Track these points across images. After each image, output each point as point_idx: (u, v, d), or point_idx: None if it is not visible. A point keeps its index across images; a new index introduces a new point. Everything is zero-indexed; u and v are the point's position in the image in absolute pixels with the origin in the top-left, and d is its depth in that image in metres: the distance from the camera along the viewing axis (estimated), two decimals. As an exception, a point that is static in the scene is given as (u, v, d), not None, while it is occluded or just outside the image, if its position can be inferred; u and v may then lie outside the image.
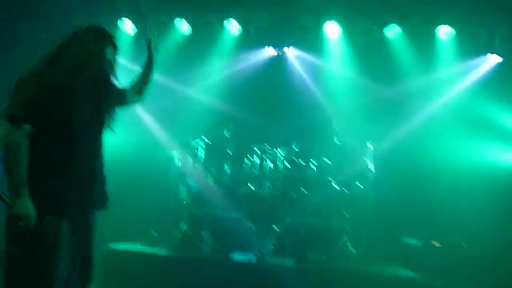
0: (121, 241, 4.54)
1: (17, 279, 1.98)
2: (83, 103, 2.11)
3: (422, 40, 5.77)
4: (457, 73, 5.79)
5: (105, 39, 2.21)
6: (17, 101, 1.99)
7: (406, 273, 4.16)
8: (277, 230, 4.61)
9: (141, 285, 4.09)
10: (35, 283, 1.98)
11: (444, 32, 5.70)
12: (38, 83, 2.02)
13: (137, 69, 2.76)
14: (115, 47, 2.26)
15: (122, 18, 6.03)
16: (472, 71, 5.82)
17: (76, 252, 2.15)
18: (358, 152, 5.13)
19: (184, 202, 4.84)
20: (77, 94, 2.09)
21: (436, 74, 5.83)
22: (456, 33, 5.63)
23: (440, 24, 5.66)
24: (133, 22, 6.10)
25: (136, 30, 6.08)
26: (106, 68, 2.23)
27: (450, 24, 5.63)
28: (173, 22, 5.95)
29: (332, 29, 5.89)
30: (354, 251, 4.49)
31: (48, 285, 1.99)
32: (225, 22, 5.94)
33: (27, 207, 1.94)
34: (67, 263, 2.08)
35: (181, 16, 5.94)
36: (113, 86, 2.34)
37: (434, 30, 5.71)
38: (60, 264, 2.03)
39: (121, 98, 2.46)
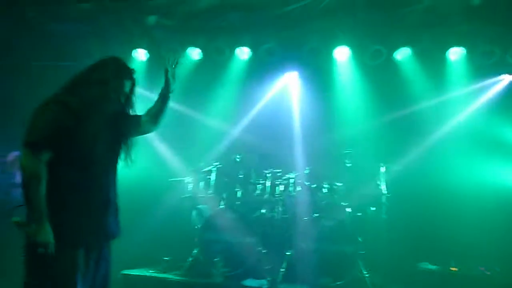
0: (133, 267, 4.55)
1: None
2: (97, 131, 2.16)
3: (432, 61, 5.76)
4: (469, 94, 5.74)
5: (124, 72, 2.27)
6: (35, 128, 2.03)
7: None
8: (289, 255, 4.55)
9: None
10: None
11: (455, 52, 5.69)
12: (57, 109, 2.06)
13: (149, 95, 2.81)
14: (133, 81, 2.31)
15: (136, 48, 6.23)
16: (485, 91, 5.76)
17: (93, 281, 2.16)
18: (370, 174, 5.08)
19: (196, 228, 4.83)
20: (93, 123, 2.14)
21: (448, 95, 5.80)
22: (467, 52, 5.60)
23: (451, 46, 5.64)
24: (147, 50, 6.28)
25: (148, 55, 6.24)
26: (122, 101, 2.28)
27: (461, 44, 5.61)
28: (185, 50, 6.11)
29: (341, 53, 5.94)
30: (368, 277, 4.37)
31: None
32: (236, 49, 6.07)
33: (47, 234, 1.96)
34: None
35: (193, 44, 6.10)
36: (128, 116, 2.39)
37: (444, 51, 5.70)
38: None
39: (135, 125, 2.48)
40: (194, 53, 6.13)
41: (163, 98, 2.60)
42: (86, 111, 2.11)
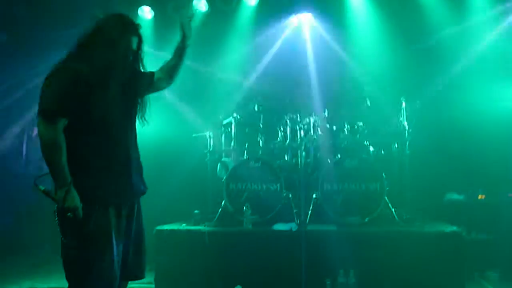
0: (165, 222, 4.73)
1: (77, 269, 2.08)
2: (112, 95, 2.14)
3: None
4: (492, 18, 5.42)
5: (130, 29, 2.20)
6: (48, 96, 2.03)
7: (451, 229, 4.07)
8: (316, 197, 4.62)
9: (189, 261, 4.28)
10: (96, 271, 2.06)
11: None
12: (67, 76, 2.05)
13: (157, 53, 2.76)
14: (140, 37, 2.24)
15: (141, 6, 6.10)
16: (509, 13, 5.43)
17: (127, 237, 2.23)
18: (391, 111, 4.99)
19: (222, 180, 4.93)
20: (106, 87, 2.11)
21: (469, 20, 5.50)
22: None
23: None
24: (152, 7, 6.14)
25: (153, 13, 6.12)
26: (131, 59, 2.23)
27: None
28: (190, 5, 5.92)
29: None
30: (395, 211, 4.43)
31: (108, 271, 2.09)
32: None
33: (74, 198, 2.01)
34: (120, 251, 2.17)
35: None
36: (140, 74, 2.35)
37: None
38: (115, 251, 2.12)
39: (149, 83, 2.44)
40: (201, 5, 5.96)
41: (180, 52, 2.54)
42: (97, 76, 2.09)
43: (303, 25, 6.27)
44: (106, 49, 2.12)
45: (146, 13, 6.16)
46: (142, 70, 2.37)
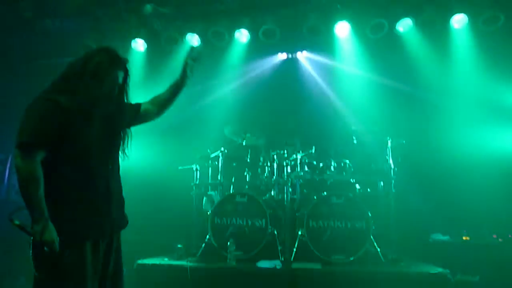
0: (147, 256, 4.62)
1: None
2: (94, 128, 2.12)
3: (436, 31, 5.66)
4: (474, 61, 5.63)
5: (117, 62, 2.16)
6: (25, 128, 1.99)
7: (436, 270, 4.04)
8: (301, 234, 4.58)
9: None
10: None
11: (458, 20, 5.57)
12: (46, 108, 2.00)
13: (148, 84, 2.76)
14: (126, 71, 2.22)
15: (135, 38, 6.20)
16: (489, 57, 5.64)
17: (104, 272, 2.16)
18: (377, 150, 5.06)
19: (207, 214, 4.88)
20: (88, 120, 2.09)
21: (453, 64, 5.70)
22: (469, 19, 5.48)
23: (454, 13, 5.53)
24: (145, 40, 6.25)
25: (146, 45, 6.22)
26: (116, 93, 2.20)
27: (464, 11, 5.49)
28: (184, 37, 6.06)
29: (342, 28, 5.85)
30: (381, 251, 4.40)
31: None
32: (236, 32, 6.01)
33: (51, 232, 1.96)
34: (95, 286, 2.10)
35: (192, 31, 6.05)
36: (125, 106, 2.31)
37: (448, 19, 5.59)
38: (89, 286, 2.05)
39: (134, 114, 2.41)
40: (193, 40, 6.08)
41: (175, 89, 2.53)
42: (79, 109, 2.05)
43: (293, 63, 6.42)
44: (91, 83, 2.08)
45: (139, 45, 6.25)
46: (127, 101, 2.33)
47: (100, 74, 2.11)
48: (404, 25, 5.74)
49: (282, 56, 6.39)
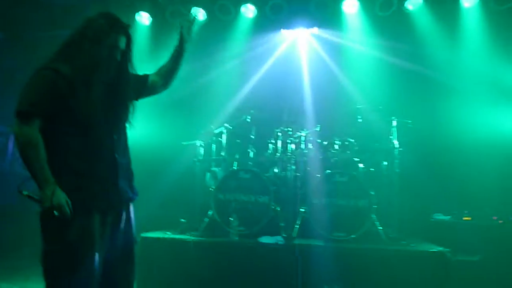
0: (151, 230, 4.67)
1: (57, 274, 2.01)
2: (96, 95, 2.08)
3: (445, 9, 5.55)
4: (484, 42, 5.53)
5: (117, 26, 2.11)
6: (23, 97, 1.98)
7: (436, 249, 4.08)
8: (303, 211, 4.61)
9: (172, 270, 4.22)
10: (75, 277, 1.99)
11: (469, -1, 5.46)
12: (45, 77, 1.99)
13: (154, 58, 2.72)
14: (128, 35, 2.17)
15: (139, 11, 6.11)
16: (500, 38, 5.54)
17: (111, 245, 2.14)
18: (382, 129, 5.03)
19: (210, 189, 4.90)
20: (88, 86, 2.05)
21: (462, 43, 5.61)
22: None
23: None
24: (150, 14, 6.16)
25: (151, 19, 6.13)
26: (118, 59, 2.14)
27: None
28: (189, 11, 5.95)
29: (350, 5, 5.74)
30: (382, 229, 4.43)
31: (87, 278, 2.02)
32: (242, 7, 5.91)
33: (60, 196, 1.94)
34: (103, 257, 2.10)
35: (197, 4, 5.95)
36: (131, 76, 2.26)
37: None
38: (97, 257, 2.04)
39: (140, 85, 2.36)
40: (199, 14, 5.99)
41: (177, 57, 2.46)
42: (79, 75, 2.02)
43: (299, 40, 6.33)
44: (89, 46, 2.05)
45: (144, 19, 6.17)
46: (134, 72, 2.28)
47: (98, 38, 2.06)
48: (414, 3, 5.64)
49: (288, 32, 6.28)
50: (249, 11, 5.95)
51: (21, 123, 1.95)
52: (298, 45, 6.33)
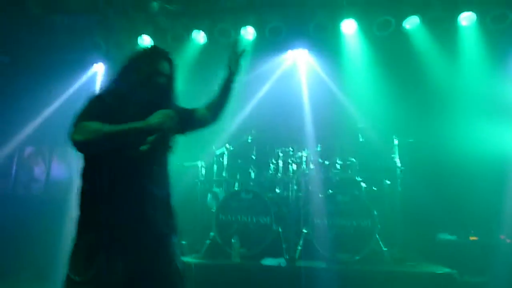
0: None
1: None
2: (128, 112, 2.02)
3: (443, 29, 5.60)
4: (482, 60, 5.56)
5: (155, 52, 2.16)
6: (77, 125, 1.93)
7: (443, 270, 4.00)
8: (306, 232, 4.55)
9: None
10: None
11: (466, 18, 5.51)
12: (92, 104, 2.00)
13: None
14: (170, 61, 2.17)
15: (142, 35, 6.21)
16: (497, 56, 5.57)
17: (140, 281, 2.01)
18: (384, 147, 5.02)
19: (212, 210, 4.87)
20: (127, 115, 1.98)
21: (460, 62, 5.64)
22: (478, 17, 5.42)
23: (462, 11, 5.48)
24: (152, 37, 6.26)
25: (153, 42, 6.23)
26: (165, 85, 2.14)
27: (472, 9, 5.44)
28: (190, 34, 6.06)
29: (348, 26, 5.82)
30: (386, 250, 4.36)
31: None
32: (242, 30, 6.00)
33: (159, 114, 1.92)
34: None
35: (197, 28, 6.05)
36: (173, 105, 2.18)
37: (455, 17, 5.54)
38: None
39: (188, 118, 2.30)
40: (199, 37, 6.08)
41: (225, 90, 2.39)
42: (118, 103, 2.00)
43: (299, 60, 6.40)
44: (129, 73, 2.10)
45: (146, 42, 6.26)
46: (178, 104, 2.24)
47: (138, 63, 2.11)
48: (411, 23, 5.69)
49: (288, 53, 6.36)
50: (248, 33, 6.04)
51: (80, 151, 1.92)
52: (298, 65, 6.39)
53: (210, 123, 2.44)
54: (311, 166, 5.03)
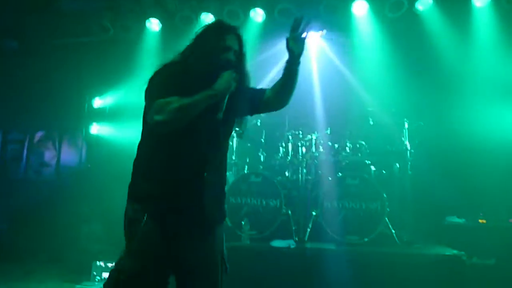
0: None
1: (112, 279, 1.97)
2: (194, 84, 1.97)
3: (456, 9, 5.49)
4: (495, 42, 5.45)
5: (222, 26, 2.12)
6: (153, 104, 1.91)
7: (451, 252, 4.02)
8: (315, 215, 4.59)
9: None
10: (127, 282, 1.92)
11: (480, -2, 5.40)
12: (166, 80, 1.99)
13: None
14: (237, 35, 2.13)
15: (149, 18, 6.18)
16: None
17: (188, 269, 2.03)
18: (394, 131, 4.99)
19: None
20: (193, 91, 1.92)
21: (473, 44, 5.54)
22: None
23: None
24: (160, 20, 6.22)
25: (161, 25, 6.20)
26: (232, 59, 2.08)
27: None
28: (198, 17, 6.01)
29: (359, 7, 5.73)
30: (395, 232, 4.38)
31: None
32: (251, 11, 5.94)
33: (223, 78, 1.94)
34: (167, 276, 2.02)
35: (206, 10, 5.99)
36: (244, 89, 2.14)
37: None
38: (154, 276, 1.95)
39: (257, 100, 2.20)
40: (208, 19, 6.03)
41: (288, 72, 2.17)
42: (186, 78, 1.97)
43: (310, 43, 6.33)
44: (196, 48, 2.07)
45: (153, 25, 6.23)
46: (249, 85, 2.18)
47: (204, 36, 2.09)
48: (424, 3, 5.59)
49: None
50: (258, 15, 5.97)
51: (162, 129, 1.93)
52: (308, 48, 6.32)
53: (278, 106, 2.27)
54: (321, 149, 5.03)
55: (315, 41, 6.30)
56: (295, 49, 2.14)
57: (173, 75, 1.99)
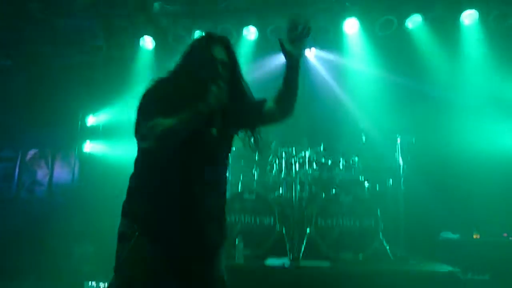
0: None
1: None
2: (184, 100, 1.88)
3: (446, 27, 5.60)
4: (484, 58, 5.56)
5: (210, 41, 2.03)
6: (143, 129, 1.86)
7: (447, 269, 4.00)
8: (309, 232, 4.57)
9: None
10: None
11: (468, 16, 5.51)
12: (155, 99, 1.92)
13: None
14: (226, 46, 2.04)
15: (143, 36, 6.22)
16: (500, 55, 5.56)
17: None
18: (387, 147, 5.03)
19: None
20: (182, 108, 1.82)
21: (462, 60, 5.64)
22: (480, 16, 5.42)
23: (464, 9, 5.48)
24: (154, 38, 6.27)
25: (155, 43, 6.24)
26: (216, 69, 1.97)
27: (474, 7, 5.44)
28: (192, 35, 6.06)
29: (350, 25, 5.81)
30: (390, 249, 4.37)
31: None
32: (243, 29, 6.00)
33: (212, 91, 1.80)
34: None
35: (199, 28, 6.05)
36: (243, 100, 2.06)
37: (457, 15, 5.54)
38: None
39: (257, 112, 2.07)
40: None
41: (290, 81, 1.99)
42: (175, 97, 1.89)
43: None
44: (186, 61, 2.01)
45: (147, 43, 6.27)
46: (249, 96, 2.09)
47: (192, 50, 2.03)
48: (414, 22, 5.69)
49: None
50: (250, 33, 6.04)
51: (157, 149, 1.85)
52: (300, 65, 6.37)
53: (280, 118, 2.09)
54: (314, 166, 5.04)
55: (307, 58, 6.36)
56: (294, 51, 1.94)
57: (162, 94, 1.91)
